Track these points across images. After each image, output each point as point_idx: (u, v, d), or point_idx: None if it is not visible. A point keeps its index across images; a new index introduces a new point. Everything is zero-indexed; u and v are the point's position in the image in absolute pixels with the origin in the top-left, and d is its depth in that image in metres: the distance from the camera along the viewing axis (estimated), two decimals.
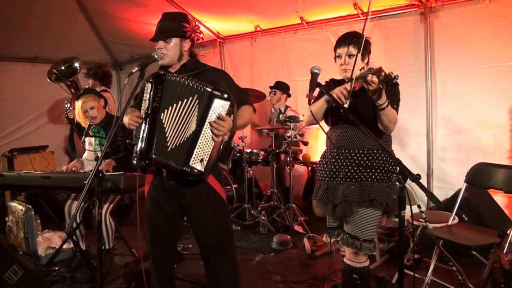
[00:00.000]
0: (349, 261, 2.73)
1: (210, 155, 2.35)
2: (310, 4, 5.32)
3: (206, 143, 2.33)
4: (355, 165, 2.62)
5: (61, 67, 5.43)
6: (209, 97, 2.30)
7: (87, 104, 4.04)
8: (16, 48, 6.46)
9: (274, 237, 4.64)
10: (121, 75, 8.32)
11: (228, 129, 2.33)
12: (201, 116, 2.31)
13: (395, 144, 4.98)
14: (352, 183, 2.61)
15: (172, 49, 2.52)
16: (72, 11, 6.12)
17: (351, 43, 2.61)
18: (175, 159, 2.32)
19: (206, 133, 2.32)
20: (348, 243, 2.64)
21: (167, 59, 2.52)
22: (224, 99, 2.32)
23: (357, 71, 2.55)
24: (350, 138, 2.64)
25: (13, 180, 3.92)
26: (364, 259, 2.69)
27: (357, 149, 2.63)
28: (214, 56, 6.93)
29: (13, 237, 4.26)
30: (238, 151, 5.40)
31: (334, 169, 2.68)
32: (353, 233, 2.63)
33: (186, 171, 2.31)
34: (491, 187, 3.35)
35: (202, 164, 2.33)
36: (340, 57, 2.66)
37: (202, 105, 2.31)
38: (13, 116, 6.65)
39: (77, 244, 3.91)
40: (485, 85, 4.51)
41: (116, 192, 3.58)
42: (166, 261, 2.71)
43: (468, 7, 4.56)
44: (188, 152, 2.31)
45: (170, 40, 2.50)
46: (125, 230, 4.62)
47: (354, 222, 2.63)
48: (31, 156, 6.11)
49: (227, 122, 2.31)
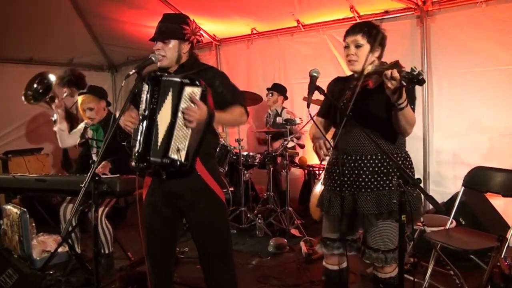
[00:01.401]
0: (375, 271, 2.51)
1: (188, 144, 2.32)
2: (306, 7, 5.32)
3: (181, 133, 2.30)
4: (369, 173, 2.38)
5: (34, 87, 5.20)
6: (180, 86, 2.27)
7: (86, 104, 4.02)
8: (11, 49, 6.42)
9: (271, 241, 4.62)
10: (116, 77, 8.29)
11: (201, 115, 2.27)
12: (174, 106, 2.28)
13: None
14: (368, 193, 2.38)
15: (171, 51, 2.50)
16: (68, 13, 6.09)
17: (360, 32, 2.36)
18: (159, 153, 2.29)
19: (180, 123, 2.29)
20: (372, 258, 2.42)
21: (165, 61, 2.50)
22: (195, 85, 2.28)
23: (368, 66, 2.33)
24: (363, 143, 2.39)
25: (8, 183, 3.90)
26: (391, 269, 2.43)
27: (370, 155, 2.39)
28: (210, 59, 6.90)
29: (8, 241, 4.22)
30: (234, 154, 5.38)
31: (345, 178, 2.44)
32: (375, 246, 2.41)
33: (166, 162, 2.28)
34: (488, 190, 3.35)
35: (179, 154, 2.29)
36: (348, 47, 2.41)
37: (175, 95, 2.28)
38: (8, 118, 6.61)
39: (73, 248, 3.88)
40: (481, 89, 4.53)
41: (112, 195, 3.57)
42: (164, 264, 2.69)
43: (464, 11, 4.58)
44: (166, 145, 2.28)
45: (168, 42, 2.48)
46: (121, 233, 4.60)
47: (374, 234, 2.41)
48: (26, 159, 6.10)
49: (199, 107, 2.26)
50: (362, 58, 2.37)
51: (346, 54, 2.42)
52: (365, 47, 2.36)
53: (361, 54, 2.37)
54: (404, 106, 2.11)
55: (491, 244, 2.69)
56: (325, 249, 2.62)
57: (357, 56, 2.37)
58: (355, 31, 2.38)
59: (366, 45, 2.36)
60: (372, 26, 2.40)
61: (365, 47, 2.36)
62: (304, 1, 5.22)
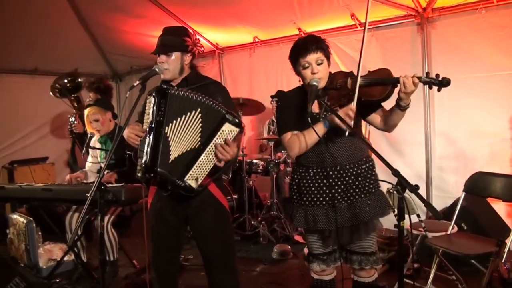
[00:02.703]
0: (357, 277, 2.57)
1: (206, 177, 2.38)
2: (307, 15, 5.36)
3: (205, 163, 2.36)
4: (361, 179, 2.42)
5: (64, 82, 5.40)
6: (221, 119, 2.34)
7: (92, 116, 4.08)
8: (16, 60, 6.51)
9: (275, 247, 4.64)
10: (120, 86, 8.37)
11: (232, 156, 2.36)
12: (207, 136, 2.34)
13: (394, 154, 5.11)
14: (367, 198, 2.41)
15: (174, 63, 2.55)
16: (72, 23, 6.20)
17: (317, 49, 2.33)
18: (173, 170, 2.34)
19: (208, 153, 2.35)
20: (370, 262, 2.47)
21: (168, 73, 2.55)
22: (235, 125, 2.36)
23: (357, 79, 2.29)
24: (355, 150, 2.44)
25: (14, 193, 3.95)
26: (373, 272, 2.53)
27: (360, 160, 2.45)
28: (213, 67, 6.97)
29: (14, 249, 4.26)
30: (237, 162, 5.42)
31: (339, 188, 2.44)
32: (367, 250, 2.47)
33: (180, 185, 2.34)
34: (489, 195, 3.37)
35: (196, 182, 2.36)
36: (309, 66, 2.35)
37: (209, 123, 2.34)
38: (13, 128, 6.69)
39: (78, 256, 3.91)
40: (482, 94, 4.55)
41: (117, 204, 3.59)
42: (169, 272, 2.73)
43: (464, 17, 4.61)
44: (186, 167, 2.34)
45: (171, 54, 2.53)
46: (126, 241, 4.64)
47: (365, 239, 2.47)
48: (32, 168, 6.16)
49: (232, 148, 2.35)
50: (326, 74, 2.39)
51: (311, 73, 2.35)
52: (325, 62, 2.37)
53: (323, 70, 2.37)
54: (409, 106, 2.25)
55: (492, 249, 2.72)
56: (325, 265, 2.58)
57: (321, 73, 2.36)
58: (313, 49, 2.33)
59: (325, 60, 2.37)
60: (321, 40, 2.40)
61: (325, 62, 2.37)
62: (305, 10, 5.26)
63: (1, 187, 4.01)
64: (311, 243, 2.61)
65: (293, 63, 2.45)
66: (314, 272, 2.66)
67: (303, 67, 2.38)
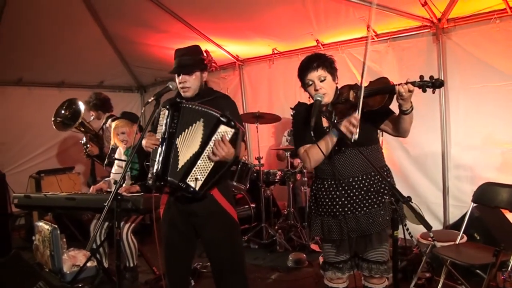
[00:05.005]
0: (368, 283, 2.66)
1: (207, 177, 2.50)
2: (325, 27, 5.45)
3: (204, 164, 2.49)
4: (373, 189, 2.51)
5: (62, 113, 5.36)
6: (216, 122, 2.47)
7: (119, 129, 4.21)
8: (44, 74, 6.80)
9: (290, 256, 4.71)
10: (145, 97, 8.60)
11: (227, 154, 2.47)
12: (205, 139, 2.48)
13: (411, 164, 5.12)
14: (380, 208, 2.49)
15: (195, 82, 2.71)
16: (98, 38, 6.41)
17: (318, 66, 2.46)
18: (179, 176, 2.48)
19: (206, 155, 2.48)
20: (381, 271, 2.56)
21: (190, 91, 2.71)
22: (230, 126, 2.48)
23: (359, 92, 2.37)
24: (362, 163, 2.50)
25: (40, 201, 4.11)
26: (384, 280, 2.63)
27: (373, 171, 2.51)
28: (234, 79, 7.11)
29: (40, 255, 4.44)
30: (255, 172, 5.54)
31: (346, 200, 2.52)
32: (379, 259, 2.57)
33: (182, 187, 2.48)
34: (497, 206, 3.37)
35: (196, 183, 2.48)
36: (312, 84, 2.49)
37: (208, 128, 2.48)
38: (41, 139, 6.95)
39: (100, 262, 4.07)
40: (497, 103, 4.53)
41: (136, 212, 3.72)
42: (182, 280, 2.85)
43: (479, 27, 4.61)
44: (187, 170, 2.48)
45: (192, 74, 2.68)
46: (147, 248, 4.77)
47: (377, 248, 2.58)
48: (58, 177, 6.36)
49: (227, 146, 2.45)
50: (330, 89, 2.51)
51: (314, 90, 2.48)
52: (328, 78, 2.48)
53: (327, 86, 2.49)
54: (411, 109, 2.32)
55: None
56: (340, 273, 2.66)
57: (325, 89, 2.48)
58: (314, 67, 2.47)
59: (328, 76, 2.48)
60: (325, 58, 2.52)
61: (328, 78, 2.48)
62: (322, 22, 5.35)
63: (27, 196, 4.18)
64: (327, 251, 2.72)
65: (301, 81, 2.60)
66: (328, 280, 2.75)
67: (307, 85, 2.54)
